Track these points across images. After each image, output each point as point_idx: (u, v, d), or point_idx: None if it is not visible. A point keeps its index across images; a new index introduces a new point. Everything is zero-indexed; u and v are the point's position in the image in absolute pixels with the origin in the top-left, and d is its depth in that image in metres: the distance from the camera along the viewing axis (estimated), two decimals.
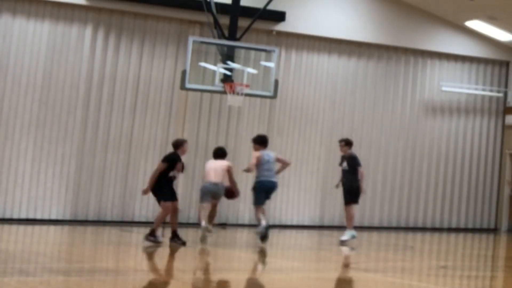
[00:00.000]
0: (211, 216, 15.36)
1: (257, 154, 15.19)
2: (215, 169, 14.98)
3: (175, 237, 14.02)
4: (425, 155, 21.57)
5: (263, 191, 15.14)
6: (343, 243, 15.75)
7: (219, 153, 15.44)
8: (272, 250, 14.53)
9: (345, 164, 16.14)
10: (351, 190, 15.97)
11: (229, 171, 15.08)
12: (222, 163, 15.07)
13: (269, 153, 15.34)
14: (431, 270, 12.75)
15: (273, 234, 17.44)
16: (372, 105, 20.97)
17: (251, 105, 19.38)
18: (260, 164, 15.10)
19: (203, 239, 14.48)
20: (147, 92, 18.80)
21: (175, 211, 14.13)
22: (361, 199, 16.42)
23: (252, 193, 15.36)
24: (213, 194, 14.99)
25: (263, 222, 14.78)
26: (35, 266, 10.69)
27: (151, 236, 13.96)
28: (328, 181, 19.98)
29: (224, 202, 19.18)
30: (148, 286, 9.71)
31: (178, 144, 14.48)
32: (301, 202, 20.07)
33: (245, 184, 19.59)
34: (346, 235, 15.91)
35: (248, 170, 15.31)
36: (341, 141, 16.50)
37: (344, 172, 16.15)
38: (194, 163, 18.90)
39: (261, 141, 15.38)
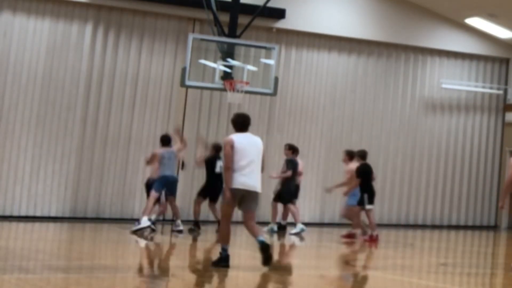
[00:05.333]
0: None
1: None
2: None
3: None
4: (425, 152, 21.55)
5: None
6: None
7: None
8: (272, 248, 14.49)
9: None
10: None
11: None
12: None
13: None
14: (431, 267, 12.75)
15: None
16: (372, 102, 20.95)
17: (251, 103, 19.35)
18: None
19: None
20: (146, 89, 18.78)
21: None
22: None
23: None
24: None
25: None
26: (35, 264, 10.69)
27: None
28: (328, 178, 19.95)
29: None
30: (147, 284, 9.71)
31: None
32: (301, 199, 20.00)
33: None
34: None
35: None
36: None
37: None
38: (195, 160, 18.84)
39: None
